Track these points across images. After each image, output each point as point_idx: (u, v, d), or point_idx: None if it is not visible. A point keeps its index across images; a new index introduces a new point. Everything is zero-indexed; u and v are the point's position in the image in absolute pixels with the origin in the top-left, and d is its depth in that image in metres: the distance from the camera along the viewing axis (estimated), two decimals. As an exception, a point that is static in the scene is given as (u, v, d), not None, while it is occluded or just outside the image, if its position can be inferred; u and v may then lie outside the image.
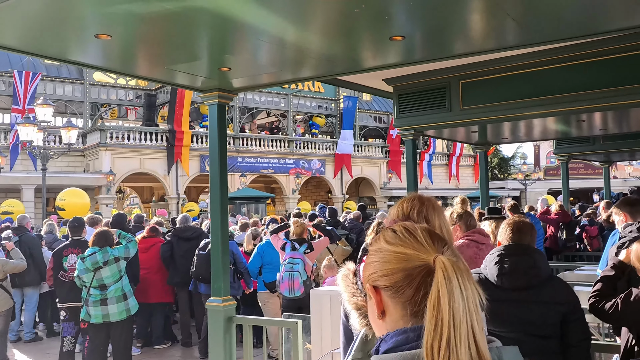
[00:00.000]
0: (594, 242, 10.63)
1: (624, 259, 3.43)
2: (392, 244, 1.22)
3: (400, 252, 1.19)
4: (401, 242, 1.21)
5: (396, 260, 1.19)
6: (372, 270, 1.24)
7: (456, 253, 1.24)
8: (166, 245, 8.92)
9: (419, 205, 2.23)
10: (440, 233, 2.15)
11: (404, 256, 1.18)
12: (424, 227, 1.27)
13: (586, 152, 10.96)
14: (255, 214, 22.77)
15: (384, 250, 1.23)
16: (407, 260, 1.17)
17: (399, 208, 2.32)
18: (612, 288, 3.34)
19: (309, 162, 33.83)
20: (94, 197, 25.97)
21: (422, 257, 1.16)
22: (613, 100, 5.14)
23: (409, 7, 3.05)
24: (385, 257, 1.21)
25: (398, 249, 1.20)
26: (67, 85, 28.90)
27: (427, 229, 1.26)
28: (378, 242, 1.27)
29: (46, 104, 15.95)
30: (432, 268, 1.13)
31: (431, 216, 2.20)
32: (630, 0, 2.98)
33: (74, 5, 2.89)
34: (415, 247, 1.19)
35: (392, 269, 1.18)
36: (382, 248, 1.24)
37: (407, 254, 1.18)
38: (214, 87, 4.78)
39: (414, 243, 1.20)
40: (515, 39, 3.77)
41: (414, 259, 1.17)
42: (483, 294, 1.14)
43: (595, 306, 3.30)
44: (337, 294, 5.12)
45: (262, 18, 3.14)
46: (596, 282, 3.43)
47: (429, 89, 6.19)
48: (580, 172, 39.06)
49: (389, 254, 1.21)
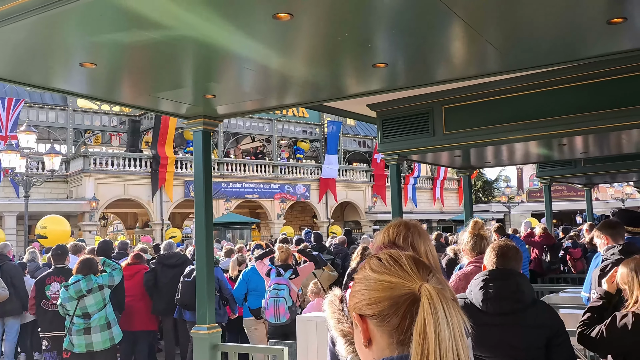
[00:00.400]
0: (577, 264, 10.70)
1: (608, 289, 3.45)
2: (378, 272, 1.23)
3: (385, 280, 1.20)
4: (386, 271, 1.22)
5: (382, 289, 1.19)
6: (358, 298, 1.24)
7: (441, 280, 1.25)
8: (150, 273, 8.81)
9: (405, 231, 2.25)
10: (426, 259, 2.17)
11: (389, 284, 1.19)
12: (409, 254, 1.28)
13: (568, 175, 11.08)
14: (240, 240, 22.70)
15: (370, 278, 1.23)
16: (392, 288, 1.18)
17: (385, 234, 2.33)
18: (600, 318, 3.36)
19: (294, 186, 33.82)
20: (77, 224, 25.71)
21: (408, 285, 1.17)
22: (592, 124, 5.23)
23: (391, 35, 3.10)
24: (370, 286, 1.22)
25: (383, 277, 1.21)
26: (51, 111, 28.77)
27: (412, 256, 1.27)
28: (364, 270, 1.28)
29: (29, 130, 15.87)
30: (417, 296, 1.13)
31: (417, 242, 2.22)
32: (604, 29, 3.06)
33: (59, 34, 2.90)
34: (401, 275, 1.19)
35: (378, 298, 1.19)
36: (367, 276, 1.24)
37: (392, 282, 1.19)
38: (199, 114, 4.80)
39: (399, 271, 1.20)
40: (496, 65, 3.84)
41: (399, 288, 1.17)
42: (468, 321, 1.14)
43: (583, 335, 3.31)
44: (323, 320, 5.07)
45: (247, 46, 3.17)
46: (584, 313, 3.45)
47: (413, 114, 6.25)
48: (563, 195, 39.40)
49: (374, 283, 1.21)
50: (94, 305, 6.48)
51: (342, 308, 2.14)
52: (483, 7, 2.75)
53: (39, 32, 2.85)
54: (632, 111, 4.95)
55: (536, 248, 10.58)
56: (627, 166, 9.98)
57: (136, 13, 2.61)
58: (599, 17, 2.90)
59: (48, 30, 2.84)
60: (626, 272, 3.22)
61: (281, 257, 7.26)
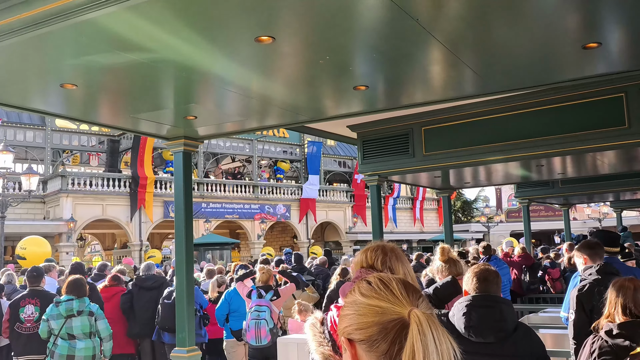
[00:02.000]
0: (556, 284, 10.77)
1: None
2: (367, 296, 1.21)
3: (375, 305, 1.18)
4: (376, 295, 1.20)
5: (371, 314, 1.17)
6: (347, 323, 1.22)
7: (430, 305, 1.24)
8: (126, 296, 8.67)
9: (382, 255, 2.25)
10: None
11: (378, 309, 1.17)
12: (399, 278, 1.26)
13: (546, 195, 11.22)
14: (220, 260, 22.51)
15: (359, 302, 1.21)
16: (382, 313, 1.16)
17: (363, 256, 2.33)
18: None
19: (274, 207, 33.74)
20: (54, 245, 25.34)
21: (397, 310, 1.15)
22: (570, 146, 5.33)
23: (372, 58, 3.14)
24: (360, 310, 1.20)
25: (373, 301, 1.19)
26: (28, 131, 28.46)
27: (403, 280, 1.25)
28: (353, 294, 1.25)
29: (6, 150, 15.64)
30: (407, 322, 1.12)
31: (395, 266, 2.22)
32: (580, 54, 3.12)
33: (40, 55, 2.89)
34: (391, 300, 1.17)
35: (367, 323, 1.17)
36: (356, 301, 1.22)
37: (382, 307, 1.17)
38: (180, 135, 4.80)
39: (389, 296, 1.18)
40: (474, 88, 3.90)
41: (389, 313, 1.15)
42: (458, 347, 1.13)
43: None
44: (304, 342, 5.06)
45: (229, 69, 3.19)
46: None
47: (393, 135, 6.31)
48: (541, 214, 39.76)
49: (363, 307, 1.19)
50: (79, 328, 6.32)
51: (323, 331, 2.13)
52: (462, 32, 2.80)
53: (20, 54, 2.84)
54: (608, 132, 5.06)
55: (515, 268, 10.63)
56: (604, 187, 10.15)
57: (119, 36, 2.61)
58: (574, 42, 2.97)
59: (29, 52, 2.83)
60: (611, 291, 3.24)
61: (262, 279, 7.21)
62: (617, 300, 3.19)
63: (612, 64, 3.50)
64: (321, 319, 2.22)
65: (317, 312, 2.30)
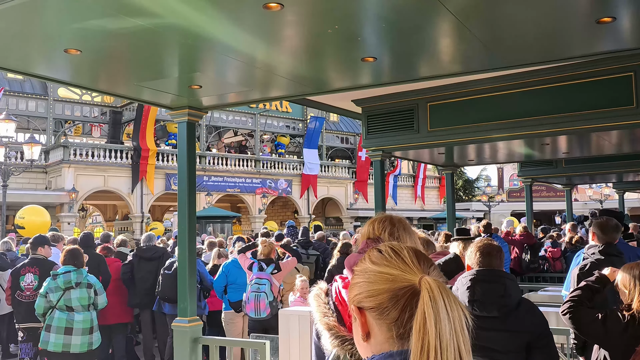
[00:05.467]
0: (556, 263, 10.81)
1: (608, 275, 3.47)
2: (378, 264, 1.20)
3: (385, 272, 1.17)
4: (387, 263, 1.19)
5: (381, 281, 1.16)
6: (357, 291, 1.21)
7: (442, 274, 1.23)
8: (127, 266, 8.70)
9: (390, 227, 2.23)
10: None
11: (389, 277, 1.16)
12: (411, 247, 1.25)
13: (549, 175, 11.19)
14: (221, 234, 22.59)
15: (369, 270, 1.20)
16: (392, 280, 1.15)
17: (370, 227, 2.30)
18: (590, 299, 3.39)
19: (276, 181, 33.75)
20: (55, 215, 25.41)
21: (408, 277, 1.14)
22: (575, 125, 5.29)
23: (381, 28, 3.09)
24: (370, 278, 1.19)
25: (383, 269, 1.18)
26: (31, 100, 28.38)
27: (414, 249, 1.24)
28: (363, 262, 1.25)
29: (8, 119, 15.60)
30: (417, 289, 1.11)
31: (403, 237, 2.20)
32: (593, 28, 3.08)
33: (44, 19, 2.85)
34: (401, 268, 1.17)
35: (377, 290, 1.16)
36: (367, 269, 1.22)
37: (392, 274, 1.16)
38: (184, 105, 4.76)
39: (400, 263, 1.18)
40: (482, 63, 3.85)
41: (399, 280, 1.15)
42: (469, 314, 1.12)
43: (570, 310, 3.33)
44: (305, 314, 5.08)
45: (235, 36, 3.15)
46: (576, 289, 3.46)
47: (398, 111, 6.26)
48: (542, 195, 39.78)
49: (374, 275, 1.19)
50: (77, 300, 6.25)
51: (328, 302, 2.13)
52: (473, 3, 2.75)
53: (23, 18, 2.80)
54: (615, 112, 5.02)
55: (516, 247, 10.65)
56: (607, 167, 10.11)
57: (124, -1, 2.57)
58: (588, 15, 2.92)
59: (32, 16, 2.79)
60: (628, 278, 3.23)
61: (264, 252, 7.23)
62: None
63: (623, 41, 3.44)
64: (326, 289, 2.21)
65: (322, 282, 2.29)
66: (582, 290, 3.42)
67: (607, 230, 4.64)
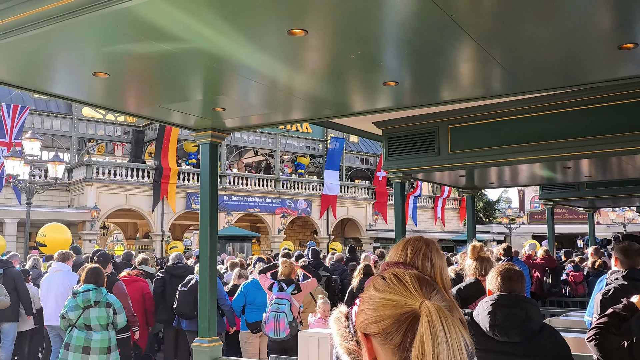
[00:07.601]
0: (579, 287, 10.67)
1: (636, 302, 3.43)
2: (381, 291, 1.26)
3: (388, 298, 1.22)
4: (389, 289, 1.24)
5: (384, 307, 1.21)
6: (362, 317, 1.27)
7: (446, 298, 1.27)
8: (159, 281, 8.81)
9: (425, 247, 2.23)
10: (440, 276, 2.18)
11: (391, 302, 1.21)
12: (414, 273, 1.30)
13: (571, 198, 11.08)
14: (241, 253, 22.64)
15: (373, 297, 1.26)
16: (394, 306, 1.20)
17: (402, 250, 2.29)
18: (617, 326, 3.34)
19: (295, 202, 33.80)
20: (77, 233, 25.68)
21: (409, 303, 1.19)
22: (598, 149, 5.25)
23: (403, 53, 3.12)
24: (374, 304, 1.24)
25: (386, 295, 1.23)
26: (55, 119, 28.85)
27: (417, 274, 1.29)
28: (369, 289, 1.31)
29: (34, 138, 15.88)
30: (418, 314, 1.15)
31: (434, 259, 2.21)
32: (614, 54, 3.08)
33: (74, 43, 2.93)
34: (403, 294, 1.21)
35: (381, 316, 1.21)
36: (371, 296, 1.27)
37: (394, 300, 1.21)
38: (207, 126, 4.82)
39: (402, 289, 1.23)
40: (503, 87, 3.87)
41: (401, 305, 1.19)
42: (469, 338, 1.16)
43: (596, 337, 3.28)
44: (325, 337, 5.06)
45: (259, 60, 3.20)
46: (603, 315, 3.42)
47: (418, 133, 6.28)
48: (564, 217, 39.31)
49: (377, 301, 1.24)
50: (96, 319, 6.22)
51: (348, 325, 2.13)
52: (495, 28, 2.78)
53: (54, 42, 2.88)
54: (638, 136, 4.98)
55: (537, 270, 10.55)
56: (630, 191, 9.99)
57: (153, 25, 2.63)
58: (610, 42, 2.92)
59: (63, 40, 2.87)
60: None
61: (285, 272, 7.24)
62: None
63: (646, 66, 3.44)
64: (346, 313, 2.22)
65: (342, 306, 2.30)
66: (609, 317, 3.37)
67: (630, 255, 4.58)
